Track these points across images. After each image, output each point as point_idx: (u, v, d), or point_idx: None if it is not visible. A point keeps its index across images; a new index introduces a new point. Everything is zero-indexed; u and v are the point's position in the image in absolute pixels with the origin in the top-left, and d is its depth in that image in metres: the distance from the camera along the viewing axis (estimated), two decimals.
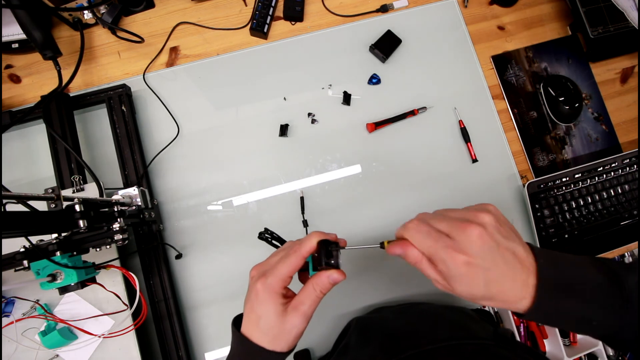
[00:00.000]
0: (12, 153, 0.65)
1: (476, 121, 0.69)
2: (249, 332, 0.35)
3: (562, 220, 0.66)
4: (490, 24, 0.73)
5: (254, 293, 0.35)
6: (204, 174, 0.66)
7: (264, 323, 0.34)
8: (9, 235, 0.35)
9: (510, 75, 0.72)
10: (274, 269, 0.35)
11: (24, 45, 0.64)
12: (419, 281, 0.65)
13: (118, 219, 0.47)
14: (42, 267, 0.41)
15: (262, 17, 0.69)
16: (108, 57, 0.68)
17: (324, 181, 0.66)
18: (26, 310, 0.55)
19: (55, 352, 0.54)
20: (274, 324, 0.34)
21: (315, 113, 0.68)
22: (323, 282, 0.35)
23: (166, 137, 0.66)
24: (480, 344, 0.41)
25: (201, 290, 0.63)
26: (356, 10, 0.72)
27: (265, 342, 0.34)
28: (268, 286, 0.34)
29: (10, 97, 0.67)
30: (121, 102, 0.63)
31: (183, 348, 0.57)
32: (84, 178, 0.59)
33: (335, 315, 0.63)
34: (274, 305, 0.34)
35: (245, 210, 0.65)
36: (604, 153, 0.71)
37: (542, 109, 0.72)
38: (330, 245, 0.35)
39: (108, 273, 0.55)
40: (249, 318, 0.35)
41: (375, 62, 0.70)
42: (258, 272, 0.36)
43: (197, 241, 0.64)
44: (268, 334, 0.34)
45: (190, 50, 0.69)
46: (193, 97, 0.68)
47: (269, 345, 0.34)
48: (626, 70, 0.74)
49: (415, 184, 0.67)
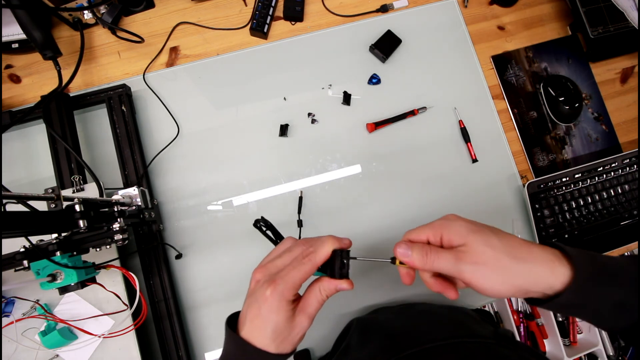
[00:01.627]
0: (12, 153, 0.65)
1: (476, 121, 0.69)
2: (251, 337, 0.33)
3: (562, 220, 0.66)
4: (490, 24, 0.73)
5: (263, 299, 0.33)
6: (204, 174, 0.66)
7: (273, 329, 0.33)
8: (9, 235, 0.35)
9: (510, 75, 0.72)
10: (286, 275, 0.33)
11: (24, 45, 0.64)
12: (419, 282, 0.65)
13: (118, 219, 0.47)
14: (42, 267, 0.41)
15: (262, 17, 0.69)
16: (108, 57, 0.68)
17: (324, 181, 0.66)
18: (26, 310, 0.55)
19: (55, 352, 0.54)
20: (283, 329, 0.33)
21: (315, 113, 0.68)
22: (330, 289, 0.34)
23: (166, 137, 0.66)
24: (480, 343, 0.41)
25: (201, 290, 0.63)
26: (356, 10, 0.72)
27: (272, 347, 0.33)
28: (279, 294, 0.32)
29: (10, 97, 0.67)
30: (121, 102, 0.63)
31: (183, 348, 0.57)
32: (84, 178, 0.59)
33: (336, 315, 0.63)
34: (284, 312, 0.33)
35: (245, 210, 0.65)
36: (604, 153, 0.71)
37: (542, 109, 0.72)
38: (343, 254, 0.35)
39: (108, 273, 0.55)
40: (253, 324, 0.34)
41: (375, 62, 0.70)
42: (264, 275, 0.34)
43: (197, 241, 0.64)
44: (276, 339, 0.33)
45: (190, 50, 0.69)
46: (193, 97, 0.68)
47: (275, 349, 0.33)
48: (626, 70, 0.74)
49: (415, 183, 0.67)
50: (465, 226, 0.33)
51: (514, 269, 0.31)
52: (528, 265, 0.31)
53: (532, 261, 0.31)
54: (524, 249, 0.32)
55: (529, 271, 0.31)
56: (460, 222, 0.33)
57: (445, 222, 0.33)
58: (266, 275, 0.34)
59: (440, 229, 0.33)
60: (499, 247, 0.31)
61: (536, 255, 0.32)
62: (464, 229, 0.32)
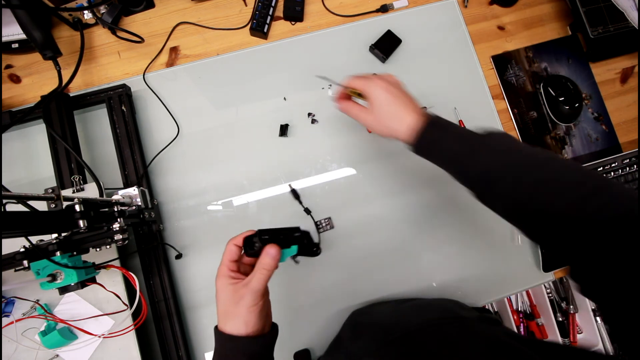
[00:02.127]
0: (12, 153, 0.65)
1: (476, 121, 0.69)
2: (219, 324, 0.39)
3: None
4: (490, 24, 0.73)
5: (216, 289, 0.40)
6: (204, 174, 0.66)
7: (221, 307, 0.38)
8: (9, 235, 0.35)
9: (510, 75, 0.72)
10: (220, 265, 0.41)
11: (24, 45, 0.64)
12: (418, 279, 0.65)
13: (118, 219, 0.47)
14: (42, 267, 0.41)
15: (262, 17, 0.69)
16: (108, 57, 0.68)
17: (324, 181, 0.66)
18: (26, 310, 0.55)
19: (55, 352, 0.54)
20: (229, 304, 0.38)
21: (315, 113, 0.68)
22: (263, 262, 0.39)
23: (166, 137, 0.66)
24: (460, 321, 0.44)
25: (201, 290, 0.63)
26: (356, 10, 0.72)
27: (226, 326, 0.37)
28: (219, 276, 0.40)
29: (10, 97, 0.67)
30: (121, 102, 0.63)
31: (183, 348, 0.57)
32: (84, 178, 0.59)
33: (336, 316, 0.63)
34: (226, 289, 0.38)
35: (245, 210, 0.65)
36: (604, 153, 0.71)
37: (542, 109, 0.72)
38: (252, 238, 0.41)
39: (108, 273, 0.55)
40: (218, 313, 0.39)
41: (375, 62, 0.70)
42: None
43: (197, 241, 0.64)
44: (226, 316, 0.38)
45: (190, 50, 0.69)
46: (193, 97, 0.68)
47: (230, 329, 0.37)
48: (626, 70, 0.74)
49: (415, 184, 0.67)
50: (379, 98, 0.46)
51: (389, 123, 0.46)
52: (397, 121, 0.45)
53: (402, 117, 0.45)
54: (401, 109, 0.45)
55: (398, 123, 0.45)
56: (373, 90, 0.46)
57: (373, 86, 0.46)
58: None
59: (366, 88, 0.47)
60: (387, 113, 0.46)
61: (404, 114, 0.45)
62: (373, 96, 0.46)
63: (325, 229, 0.64)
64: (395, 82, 0.48)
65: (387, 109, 0.45)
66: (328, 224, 0.65)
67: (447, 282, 0.65)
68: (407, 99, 0.46)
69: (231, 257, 0.41)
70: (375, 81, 0.46)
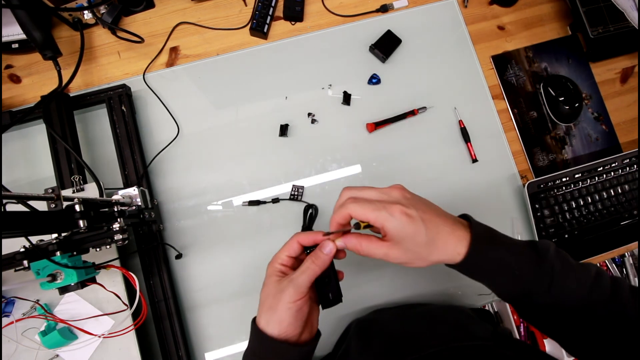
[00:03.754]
0: (12, 153, 0.65)
1: (476, 121, 0.69)
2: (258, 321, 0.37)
3: (562, 220, 0.66)
4: (490, 24, 0.73)
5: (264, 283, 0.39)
6: (204, 174, 0.66)
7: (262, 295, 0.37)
8: (9, 235, 0.35)
9: (510, 75, 0.72)
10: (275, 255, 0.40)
11: (24, 45, 0.64)
12: (419, 282, 0.65)
13: (118, 219, 0.47)
14: (42, 267, 0.41)
15: (262, 17, 0.69)
16: (108, 57, 0.68)
17: (324, 181, 0.66)
18: (26, 310, 0.55)
19: (55, 352, 0.54)
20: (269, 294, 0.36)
21: (315, 113, 0.68)
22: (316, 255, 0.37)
23: (166, 137, 0.66)
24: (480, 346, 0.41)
25: (201, 290, 0.63)
26: (356, 10, 0.72)
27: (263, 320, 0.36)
28: (269, 271, 0.39)
29: (10, 97, 0.67)
30: (121, 102, 0.63)
31: (183, 348, 0.57)
32: (84, 178, 0.59)
33: (336, 316, 0.63)
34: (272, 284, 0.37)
35: (245, 210, 0.65)
36: (604, 153, 0.71)
37: (542, 109, 0.72)
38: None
39: (108, 273, 0.55)
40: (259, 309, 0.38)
41: (375, 62, 0.70)
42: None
43: (197, 241, 0.64)
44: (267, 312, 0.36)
45: (190, 50, 0.69)
46: (193, 97, 0.68)
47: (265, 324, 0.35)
48: (626, 70, 0.74)
49: (415, 184, 0.67)
50: (399, 228, 0.35)
51: (430, 257, 0.36)
52: (439, 250, 0.36)
53: (443, 246, 0.36)
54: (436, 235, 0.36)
55: (442, 253, 0.36)
56: (395, 224, 0.35)
57: (386, 217, 0.35)
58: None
59: (382, 221, 0.35)
60: (421, 244, 0.35)
61: (446, 239, 0.36)
62: (396, 230, 0.35)
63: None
64: (411, 196, 0.38)
65: (420, 240, 0.35)
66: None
67: (447, 283, 0.65)
68: (433, 214, 0.36)
69: (289, 252, 0.39)
70: (390, 209, 0.34)
